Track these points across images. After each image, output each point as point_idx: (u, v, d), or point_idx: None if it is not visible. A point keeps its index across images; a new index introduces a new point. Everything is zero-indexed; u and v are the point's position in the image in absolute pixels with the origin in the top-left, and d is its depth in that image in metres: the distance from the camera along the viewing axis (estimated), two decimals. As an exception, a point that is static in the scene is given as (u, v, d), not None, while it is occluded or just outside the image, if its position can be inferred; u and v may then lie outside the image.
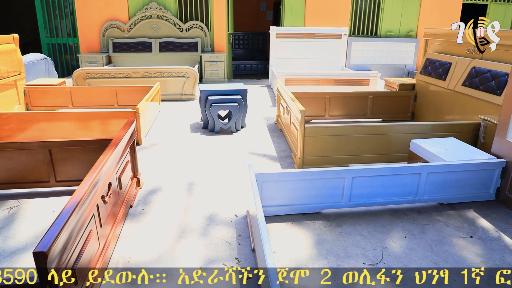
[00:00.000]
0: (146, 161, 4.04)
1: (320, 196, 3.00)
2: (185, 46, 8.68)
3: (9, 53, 5.25)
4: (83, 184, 2.09)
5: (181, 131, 5.15)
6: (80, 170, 3.26)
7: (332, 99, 5.51)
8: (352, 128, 3.99)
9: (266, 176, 2.83)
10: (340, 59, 8.78)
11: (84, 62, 8.29)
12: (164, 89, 6.78)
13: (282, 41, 8.55)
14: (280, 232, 2.79)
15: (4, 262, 2.42)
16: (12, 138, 4.36)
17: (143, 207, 3.11)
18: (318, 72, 7.14)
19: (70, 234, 1.82)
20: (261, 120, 5.73)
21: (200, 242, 2.65)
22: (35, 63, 7.01)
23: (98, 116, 4.51)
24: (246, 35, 13.03)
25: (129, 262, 2.43)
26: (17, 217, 2.94)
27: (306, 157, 3.91)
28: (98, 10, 8.59)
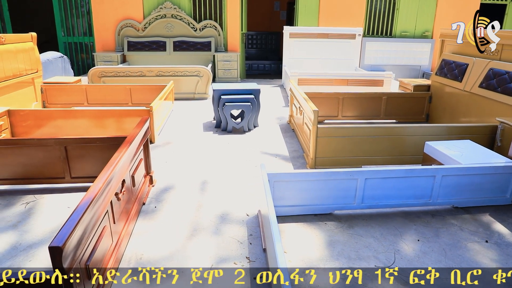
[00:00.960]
0: (159, 159, 4.08)
1: (332, 197, 2.98)
2: (199, 46, 8.72)
3: (28, 51, 5.35)
4: (98, 180, 2.12)
5: (194, 130, 5.18)
6: (94, 167, 3.31)
7: (346, 99, 5.48)
8: (365, 129, 3.96)
9: (279, 176, 2.82)
10: (354, 59, 8.72)
11: (99, 61, 8.40)
12: (177, 88, 6.83)
13: (295, 41, 8.52)
14: (292, 232, 2.78)
15: (20, 255, 2.47)
16: (29, 135, 4.45)
17: (155, 205, 3.14)
18: (331, 72, 7.09)
19: (85, 230, 1.85)
20: (273, 120, 5.73)
21: (212, 241, 2.66)
22: (52, 61, 7.13)
23: (112, 114, 4.57)
24: (260, 35, 13.03)
25: (141, 259, 2.45)
26: (33, 212, 3.00)
27: (319, 157, 3.89)
28: (113, 9, 8.70)
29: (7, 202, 3.17)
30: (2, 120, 4.18)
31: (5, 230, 2.75)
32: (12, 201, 3.17)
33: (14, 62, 5.01)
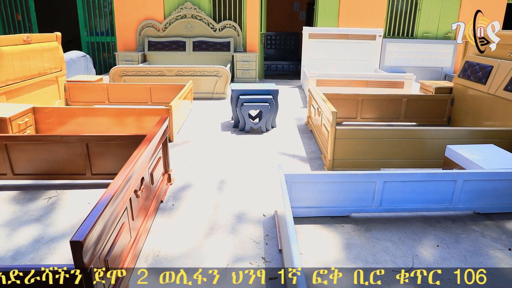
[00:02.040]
0: (177, 158, 4.12)
1: (350, 200, 2.95)
2: (218, 46, 8.78)
3: (52, 50, 5.50)
4: (118, 177, 2.16)
5: (212, 129, 5.22)
6: (114, 164, 3.37)
7: (365, 101, 5.41)
8: (384, 132, 3.90)
9: (296, 177, 2.81)
10: (374, 60, 8.60)
11: (120, 60, 8.56)
12: (196, 87, 6.89)
13: (314, 41, 8.48)
14: (308, 234, 2.77)
15: (42, 249, 2.54)
16: (52, 132, 4.57)
17: (173, 203, 3.17)
18: (350, 73, 7.02)
19: (105, 225, 1.89)
20: (291, 120, 5.71)
21: (228, 240, 2.67)
22: (75, 60, 7.30)
23: (132, 112, 4.65)
24: (279, 35, 13.02)
25: (158, 256, 2.49)
26: (55, 207, 3.08)
27: (337, 159, 3.86)
28: (135, 10, 8.85)
29: (31, 196, 3.26)
30: (27, 117, 4.30)
31: (29, 224, 2.84)
32: (35, 196, 3.27)
33: (39, 61, 5.16)
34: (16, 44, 4.74)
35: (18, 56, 4.71)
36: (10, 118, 3.97)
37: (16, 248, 2.55)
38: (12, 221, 2.87)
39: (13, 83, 4.62)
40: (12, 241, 2.63)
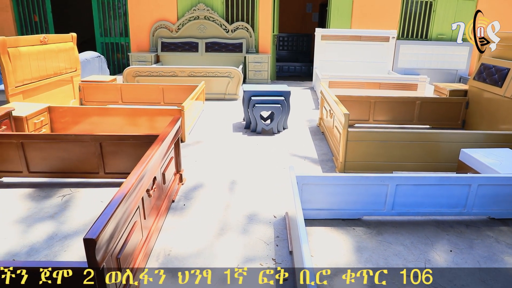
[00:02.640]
0: (189, 158, 4.15)
1: (362, 203, 2.93)
2: (230, 47, 8.81)
3: (68, 51, 5.59)
4: (131, 177, 2.19)
5: (224, 130, 5.24)
6: (127, 164, 3.41)
7: (377, 103, 5.37)
8: (397, 134, 3.87)
9: (307, 178, 2.81)
10: (387, 62, 8.53)
11: (134, 61, 8.65)
12: (208, 88, 6.92)
13: (327, 43, 8.44)
14: (319, 236, 2.76)
15: (56, 246, 2.58)
16: (67, 131, 4.64)
17: (184, 203, 3.19)
18: (363, 75, 6.97)
19: (117, 224, 1.91)
20: (303, 122, 5.70)
21: (239, 241, 2.68)
22: (90, 61, 7.41)
23: (145, 112, 4.69)
24: (291, 37, 13.00)
25: (169, 255, 2.51)
26: (69, 205, 3.13)
27: (348, 161, 3.83)
28: (149, 11, 8.94)
29: (45, 194, 3.32)
30: (43, 116, 4.38)
31: (43, 220, 2.89)
32: (50, 193, 3.32)
33: (55, 61, 5.25)
34: (33, 44, 4.83)
35: (35, 56, 4.80)
36: (26, 117, 4.04)
37: (31, 244, 2.60)
38: (27, 218, 2.92)
39: (29, 82, 4.71)
40: (27, 237, 2.68)
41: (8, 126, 3.85)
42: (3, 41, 4.24)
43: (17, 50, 4.46)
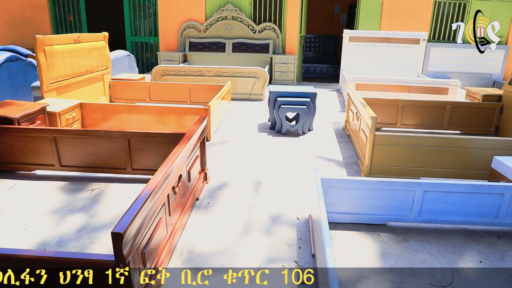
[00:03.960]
0: (214, 157, 4.19)
1: (387, 208, 2.87)
2: (257, 47, 8.83)
3: (100, 49, 5.75)
4: (158, 173, 2.23)
5: (249, 130, 5.26)
6: (153, 161, 3.48)
7: (406, 107, 5.25)
8: (426, 139, 3.76)
9: (332, 181, 2.78)
10: (417, 65, 8.32)
11: (162, 60, 8.81)
12: (234, 88, 6.96)
13: (355, 45, 8.32)
14: (342, 240, 2.72)
15: (84, 238, 2.67)
16: (97, 127, 4.78)
17: (208, 201, 3.23)
18: (391, 78, 6.83)
19: (144, 219, 1.95)
20: (328, 124, 5.64)
21: (262, 241, 2.68)
22: (120, 59, 7.60)
23: (172, 111, 4.77)
24: (318, 38, 12.90)
25: (192, 252, 2.54)
26: (97, 199, 3.23)
27: (374, 165, 3.77)
28: (178, 11, 9.09)
29: (75, 187, 3.43)
30: (75, 112, 4.53)
31: (73, 213, 2.99)
32: (80, 187, 3.43)
33: (87, 59, 5.42)
34: (67, 43, 4.99)
35: (69, 54, 4.96)
36: (59, 113, 4.19)
37: (61, 235, 2.69)
38: (58, 210, 3.03)
39: (63, 79, 4.88)
40: (57, 228, 2.78)
41: (42, 121, 4.00)
42: (40, 40, 4.41)
43: (52, 48, 4.63)
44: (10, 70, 5.20)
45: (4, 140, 3.60)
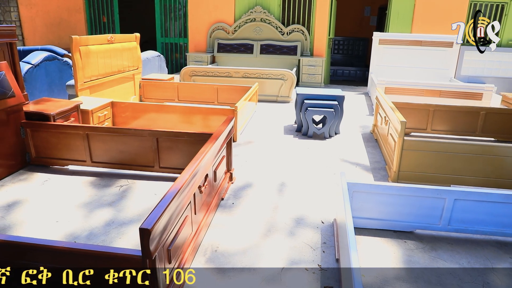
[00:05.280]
0: (239, 158, 4.21)
1: (415, 215, 2.80)
2: (285, 49, 8.82)
3: (131, 50, 5.92)
4: (185, 172, 2.27)
5: (275, 132, 5.26)
6: (181, 160, 3.54)
7: (437, 112, 5.10)
8: (458, 146, 3.64)
9: (359, 186, 2.74)
10: (449, 69, 8.07)
11: (191, 61, 8.96)
12: (261, 90, 6.98)
13: (385, 47, 8.17)
14: (367, 246, 2.68)
15: (112, 233, 2.75)
16: (126, 125, 4.91)
17: (233, 201, 3.25)
18: (422, 82, 6.66)
19: (170, 216, 1.98)
20: (356, 128, 5.56)
21: (285, 243, 2.67)
22: (150, 60, 7.78)
23: (200, 111, 4.84)
24: (347, 40, 12.75)
25: (216, 251, 2.56)
26: (126, 195, 3.31)
27: (402, 171, 3.68)
28: (207, 13, 9.21)
29: (105, 183, 3.54)
30: (107, 110, 4.68)
31: (103, 207, 3.08)
32: (109, 183, 3.54)
33: (119, 59, 5.58)
34: (101, 43, 5.16)
35: (102, 54, 5.13)
36: (92, 111, 4.34)
37: (91, 229, 2.79)
38: (89, 204, 3.14)
39: (96, 78, 5.05)
40: (87, 222, 2.87)
41: (76, 118, 4.15)
42: (76, 40, 4.58)
43: (87, 48, 4.80)
44: (47, 69, 5.43)
45: (41, 135, 3.76)
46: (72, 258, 1.93)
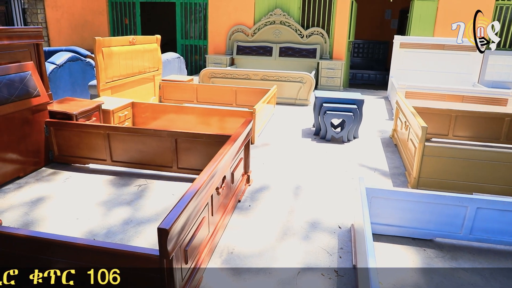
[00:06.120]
0: (257, 160, 4.21)
1: (435, 223, 2.74)
2: (304, 52, 8.79)
3: (152, 51, 6.00)
4: (203, 174, 2.28)
5: (293, 135, 5.24)
6: (198, 161, 3.56)
7: (459, 117, 4.98)
8: (481, 153, 3.54)
9: (377, 191, 2.70)
10: (473, 74, 7.87)
11: (210, 63, 9.03)
12: (279, 92, 6.97)
13: (406, 51, 8.04)
14: (385, 253, 2.63)
15: (130, 231, 2.78)
16: (146, 125, 4.98)
17: (250, 203, 3.25)
18: (444, 86, 6.52)
19: (188, 217, 2.00)
20: (375, 132, 5.49)
21: (301, 247, 2.66)
22: (170, 61, 7.88)
23: (218, 113, 4.87)
24: (367, 44, 12.60)
25: (232, 253, 2.57)
26: (144, 194, 3.36)
27: (422, 177, 3.61)
28: (227, 15, 9.27)
29: (124, 182, 3.60)
30: (127, 110, 4.76)
31: (121, 206, 3.13)
32: (128, 182, 3.59)
33: (140, 61, 5.67)
34: (123, 45, 5.26)
35: (124, 56, 5.22)
36: (113, 111, 4.42)
37: (109, 227, 2.83)
38: (108, 202, 3.19)
39: (118, 79, 5.14)
40: (106, 220, 2.92)
41: (98, 118, 4.24)
42: (99, 42, 4.68)
43: (109, 49, 4.90)
44: (70, 69, 5.56)
45: (63, 134, 3.85)
46: (91, 255, 1.97)
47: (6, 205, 3.12)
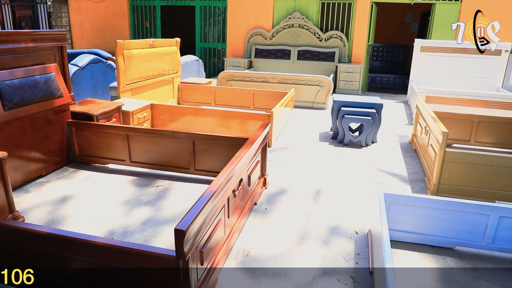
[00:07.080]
0: (274, 163, 4.21)
1: (455, 231, 2.67)
2: (322, 56, 8.75)
3: (171, 54, 6.08)
4: (220, 176, 2.29)
5: (310, 138, 5.21)
6: (215, 163, 3.58)
7: (482, 123, 4.85)
8: (504, 160, 3.45)
9: (396, 197, 2.65)
10: (496, 78, 7.66)
11: (228, 65, 9.08)
12: (297, 95, 6.94)
13: (426, 55, 7.89)
14: (403, 260, 2.59)
15: (147, 231, 2.82)
16: (164, 127, 5.04)
17: (266, 207, 3.25)
18: (466, 91, 6.37)
19: (205, 219, 2.01)
20: (394, 137, 5.41)
21: (318, 252, 2.64)
22: (189, 64, 7.96)
23: (236, 115, 4.89)
24: (386, 47, 12.45)
25: (247, 256, 2.57)
26: (161, 195, 3.40)
27: (443, 184, 3.53)
28: (246, 18, 9.32)
29: (142, 183, 3.65)
30: (146, 112, 4.83)
31: (139, 206, 3.18)
32: (146, 183, 3.64)
33: (160, 63, 5.75)
34: (143, 47, 5.35)
35: (144, 58, 5.31)
36: (132, 112, 4.50)
37: (127, 226, 2.88)
38: (126, 202, 3.25)
39: (138, 81, 5.23)
40: (125, 219, 2.97)
41: (117, 119, 4.32)
42: (120, 44, 4.77)
43: (130, 52, 4.99)
44: (92, 71, 5.69)
45: (84, 134, 3.94)
46: (108, 254, 2.00)
47: (29, 203, 3.21)
